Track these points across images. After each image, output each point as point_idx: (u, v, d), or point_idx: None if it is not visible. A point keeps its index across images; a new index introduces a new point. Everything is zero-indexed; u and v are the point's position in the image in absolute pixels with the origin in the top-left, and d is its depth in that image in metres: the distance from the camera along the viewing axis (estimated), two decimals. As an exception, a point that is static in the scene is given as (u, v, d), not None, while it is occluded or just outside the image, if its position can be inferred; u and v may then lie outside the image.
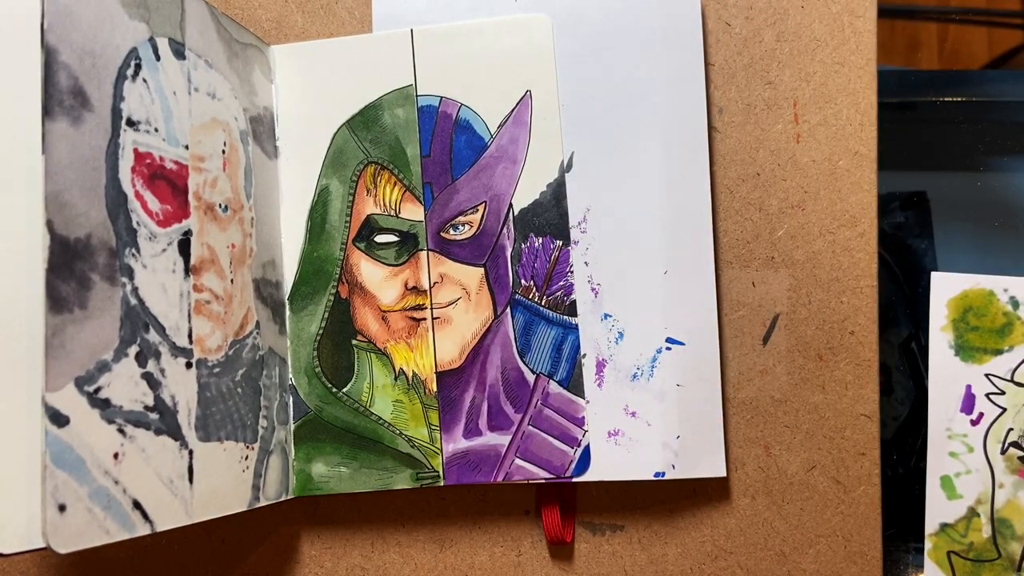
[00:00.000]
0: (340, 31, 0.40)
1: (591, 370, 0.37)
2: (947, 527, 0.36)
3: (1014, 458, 0.36)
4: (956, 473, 0.36)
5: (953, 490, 0.36)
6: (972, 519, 0.36)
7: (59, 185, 0.27)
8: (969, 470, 0.36)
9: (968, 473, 0.36)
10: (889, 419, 0.36)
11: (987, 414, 0.36)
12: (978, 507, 0.36)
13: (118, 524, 0.28)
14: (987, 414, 0.36)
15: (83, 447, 0.27)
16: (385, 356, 0.38)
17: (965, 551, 0.36)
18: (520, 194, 0.37)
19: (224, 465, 0.33)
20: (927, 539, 0.36)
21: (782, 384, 0.37)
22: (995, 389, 0.36)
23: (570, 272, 0.37)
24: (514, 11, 0.38)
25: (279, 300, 0.38)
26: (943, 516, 0.36)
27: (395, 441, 0.37)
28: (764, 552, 0.37)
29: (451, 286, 0.38)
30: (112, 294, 0.29)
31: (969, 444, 0.36)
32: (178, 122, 0.33)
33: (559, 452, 0.36)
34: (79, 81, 0.28)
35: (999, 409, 0.36)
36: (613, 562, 0.38)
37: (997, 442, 0.36)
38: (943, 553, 0.36)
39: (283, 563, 0.40)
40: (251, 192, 0.37)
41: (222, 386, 0.34)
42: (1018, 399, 0.36)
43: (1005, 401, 0.36)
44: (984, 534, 0.36)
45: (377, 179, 0.38)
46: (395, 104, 0.38)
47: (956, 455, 0.36)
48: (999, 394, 0.36)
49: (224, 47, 0.36)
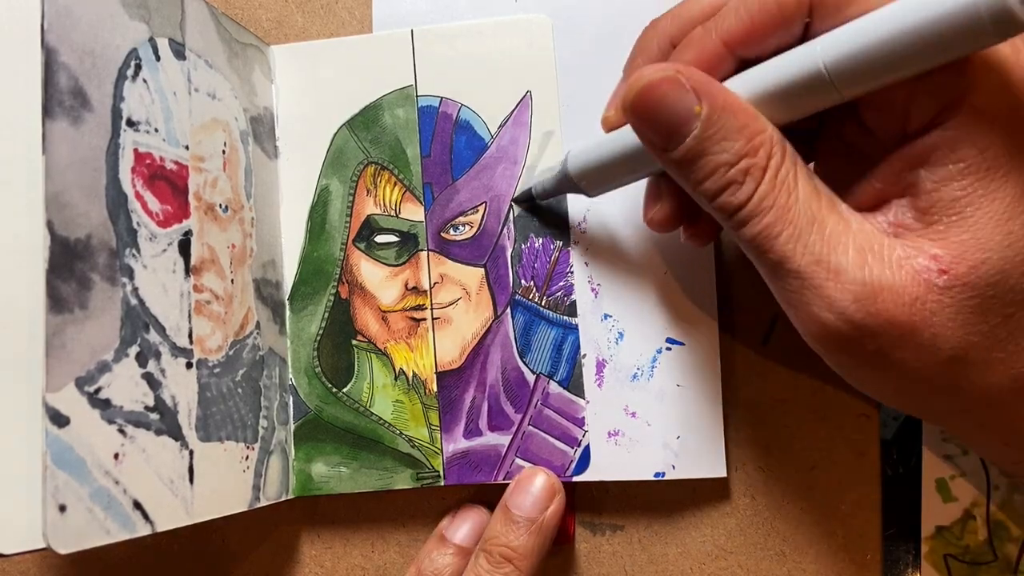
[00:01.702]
0: (340, 31, 0.40)
1: (591, 370, 0.37)
2: (943, 530, 0.36)
3: None
4: (951, 476, 0.36)
5: (948, 493, 0.36)
6: (968, 522, 0.36)
7: (59, 185, 0.27)
8: (964, 472, 0.36)
9: (963, 476, 0.36)
10: (889, 419, 0.36)
11: (982, 415, 0.36)
12: (973, 509, 0.36)
13: (119, 524, 0.28)
14: (982, 415, 0.36)
15: (83, 447, 0.27)
16: (385, 356, 0.38)
17: (961, 554, 0.36)
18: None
19: (224, 465, 0.33)
20: (923, 542, 0.36)
21: (782, 384, 0.37)
22: None
23: (570, 272, 0.37)
24: (514, 11, 0.38)
25: (279, 300, 0.38)
26: (939, 519, 0.36)
27: (395, 441, 0.37)
28: (764, 552, 0.37)
29: (451, 286, 0.38)
30: (112, 294, 0.29)
31: (963, 446, 0.36)
32: (178, 122, 0.33)
33: (559, 452, 0.36)
34: (79, 81, 0.28)
35: None
36: (613, 562, 0.38)
37: None
38: (939, 556, 0.36)
39: (283, 563, 0.40)
40: (251, 192, 0.37)
41: (222, 386, 0.34)
42: (1015, 400, 0.36)
43: None
44: (980, 536, 0.36)
45: (377, 179, 0.38)
46: (395, 104, 0.38)
47: (951, 458, 0.36)
48: None
49: (224, 47, 0.36)
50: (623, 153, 0.30)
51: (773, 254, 0.25)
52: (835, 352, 0.26)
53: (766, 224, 0.25)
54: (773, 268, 0.26)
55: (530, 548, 0.34)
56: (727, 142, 0.25)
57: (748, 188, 0.25)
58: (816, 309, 0.25)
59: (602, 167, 0.32)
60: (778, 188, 0.25)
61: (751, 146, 0.25)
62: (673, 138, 0.26)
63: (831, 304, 0.25)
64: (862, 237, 0.25)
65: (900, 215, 0.26)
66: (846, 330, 0.25)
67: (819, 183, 0.26)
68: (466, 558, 0.35)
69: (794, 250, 0.25)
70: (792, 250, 0.25)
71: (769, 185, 0.25)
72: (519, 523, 0.34)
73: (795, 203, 0.25)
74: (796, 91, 0.25)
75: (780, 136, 0.26)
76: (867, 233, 0.25)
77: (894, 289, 0.24)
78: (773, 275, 0.26)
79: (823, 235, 0.25)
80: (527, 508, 0.34)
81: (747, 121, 0.26)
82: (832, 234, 0.25)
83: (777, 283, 0.26)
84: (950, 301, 0.24)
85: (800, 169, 0.26)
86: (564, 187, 0.34)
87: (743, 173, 0.25)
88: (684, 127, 0.26)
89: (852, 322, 0.25)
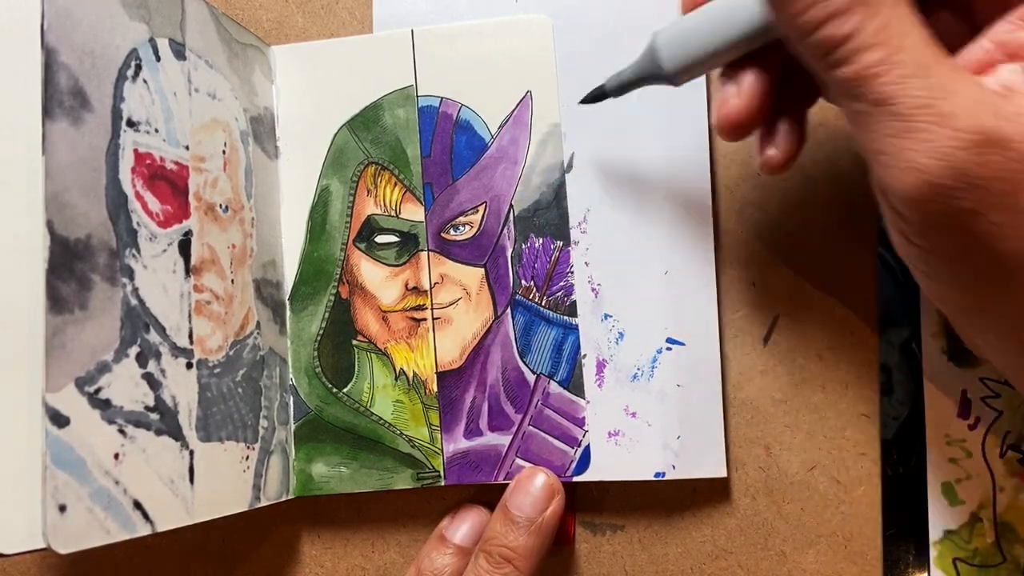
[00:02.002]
0: (341, 31, 0.40)
1: (591, 370, 0.37)
2: (951, 533, 0.36)
3: (1013, 461, 0.36)
4: (957, 479, 0.36)
5: (955, 496, 0.36)
6: (975, 524, 0.36)
7: (59, 185, 0.27)
8: (969, 475, 0.36)
9: (969, 478, 0.36)
10: (889, 419, 0.36)
11: (984, 418, 0.36)
12: (980, 512, 0.36)
13: (119, 524, 0.28)
14: (984, 418, 0.36)
15: (84, 447, 0.27)
16: (385, 356, 0.38)
17: (970, 557, 0.36)
18: (520, 194, 0.37)
19: (225, 465, 0.33)
20: (931, 547, 0.36)
21: (782, 384, 0.37)
22: (990, 392, 0.36)
23: (570, 272, 0.37)
24: (514, 11, 0.38)
25: (279, 300, 0.38)
26: (946, 523, 0.36)
27: (395, 441, 0.37)
28: (764, 552, 0.37)
29: (451, 286, 0.38)
30: (112, 295, 0.29)
31: (967, 449, 0.36)
32: (178, 123, 0.33)
33: (559, 452, 0.36)
34: (79, 81, 0.28)
35: (995, 412, 0.36)
36: (613, 562, 0.38)
37: (995, 445, 0.36)
38: (948, 560, 0.36)
39: (283, 563, 0.40)
40: (251, 192, 0.37)
41: (223, 386, 0.34)
42: (1014, 401, 0.36)
43: (1001, 404, 0.36)
44: (988, 539, 0.35)
45: (377, 179, 0.38)
46: (395, 104, 0.38)
47: (956, 461, 0.36)
48: (995, 397, 0.36)
49: (224, 47, 0.36)
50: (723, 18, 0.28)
51: (875, 94, 0.23)
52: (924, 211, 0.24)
53: (874, 60, 0.23)
54: (871, 111, 0.24)
55: (530, 548, 0.34)
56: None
57: (855, 20, 0.24)
58: (917, 155, 0.23)
59: (695, 39, 0.29)
60: (888, 25, 0.24)
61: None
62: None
63: (936, 149, 0.23)
64: (974, 89, 0.23)
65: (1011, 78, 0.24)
66: (947, 179, 0.23)
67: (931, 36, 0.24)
68: (466, 558, 0.35)
69: (902, 90, 0.23)
70: (899, 90, 0.23)
71: (880, 21, 0.23)
72: (519, 523, 0.34)
73: (906, 44, 0.23)
74: None
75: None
76: (979, 86, 0.24)
77: (1008, 141, 0.23)
78: (869, 119, 0.24)
79: (933, 81, 0.23)
80: (527, 508, 0.34)
81: None
82: (943, 81, 0.23)
83: (872, 127, 0.24)
84: None
85: (914, 14, 0.24)
86: (647, 75, 0.31)
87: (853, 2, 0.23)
88: None
89: (957, 169, 0.23)
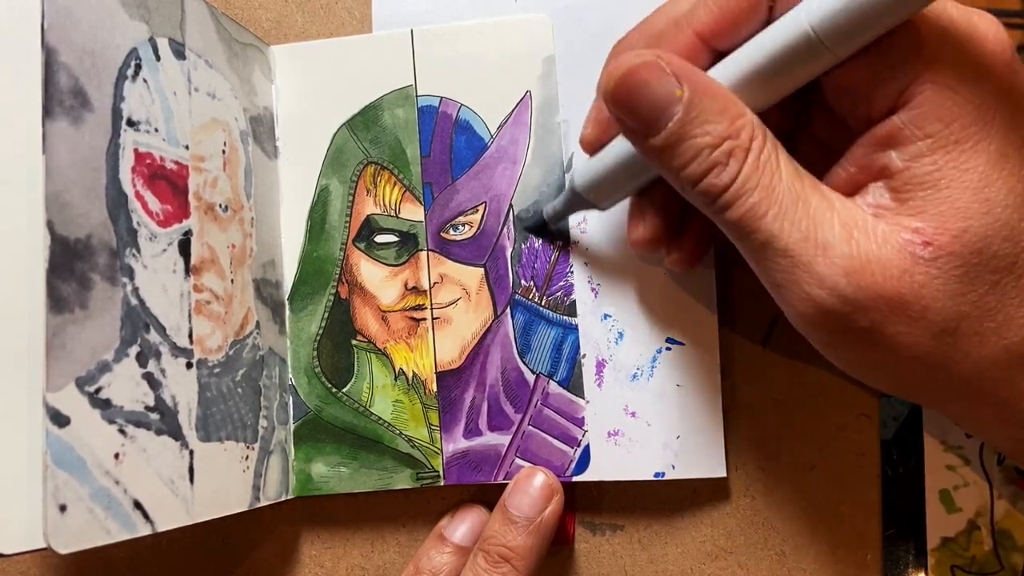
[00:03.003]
0: (340, 31, 0.40)
1: (591, 370, 0.37)
2: (949, 541, 0.36)
3: (1010, 468, 0.36)
4: (954, 486, 0.36)
5: (952, 503, 0.36)
6: (973, 532, 0.36)
7: (59, 185, 0.27)
8: (967, 483, 0.36)
9: (966, 486, 0.36)
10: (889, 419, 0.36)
11: (982, 425, 0.36)
12: (978, 519, 0.36)
13: (119, 524, 0.28)
14: (982, 425, 0.36)
15: (84, 447, 0.27)
16: (385, 356, 0.38)
17: (968, 564, 0.36)
18: (520, 194, 0.37)
19: (225, 465, 0.33)
20: (929, 554, 0.36)
21: (782, 384, 0.37)
22: None
23: (570, 272, 0.37)
24: (514, 11, 0.38)
25: (279, 300, 0.38)
26: (944, 530, 0.36)
27: (395, 441, 0.37)
28: (764, 552, 0.37)
29: (451, 286, 0.38)
30: (113, 294, 0.29)
31: (965, 456, 0.36)
32: (178, 122, 0.33)
33: (559, 452, 0.36)
34: (79, 81, 0.28)
35: None
36: (613, 562, 0.38)
37: (993, 453, 0.36)
38: (946, 568, 0.36)
39: (283, 563, 0.40)
40: (251, 192, 0.37)
41: (222, 386, 0.34)
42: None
43: None
44: (986, 546, 0.35)
45: (377, 179, 0.38)
46: (395, 104, 0.38)
47: (953, 468, 0.36)
48: None
49: (224, 47, 0.36)
50: (622, 159, 0.31)
51: (760, 234, 0.25)
52: (827, 332, 0.26)
53: (752, 204, 0.25)
54: (760, 249, 0.26)
55: (528, 548, 0.34)
56: (710, 124, 0.25)
57: (732, 169, 0.25)
58: (807, 287, 0.25)
59: (606, 177, 0.32)
60: (762, 168, 0.25)
61: (734, 128, 0.25)
62: (655, 124, 0.26)
63: (822, 280, 0.25)
64: (846, 214, 0.25)
65: (877, 197, 0.26)
66: (838, 306, 0.25)
67: (799, 166, 0.27)
68: (464, 557, 0.35)
69: (781, 228, 0.25)
70: (779, 228, 0.25)
71: (753, 166, 0.25)
72: (517, 523, 0.34)
73: (779, 182, 0.25)
74: (786, 60, 0.25)
75: (759, 120, 0.26)
76: (850, 210, 0.26)
77: (882, 262, 0.24)
78: (760, 257, 0.26)
79: (808, 212, 0.25)
80: (525, 508, 0.34)
81: (728, 104, 0.26)
82: (817, 211, 0.25)
83: (765, 265, 0.26)
84: (937, 272, 0.24)
85: (781, 151, 0.26)
86: (575, 206, 0.34)
87: (727, 155, 0.25)
88: (666, 111, 0.26)
89: (844, 297, 0.25)
